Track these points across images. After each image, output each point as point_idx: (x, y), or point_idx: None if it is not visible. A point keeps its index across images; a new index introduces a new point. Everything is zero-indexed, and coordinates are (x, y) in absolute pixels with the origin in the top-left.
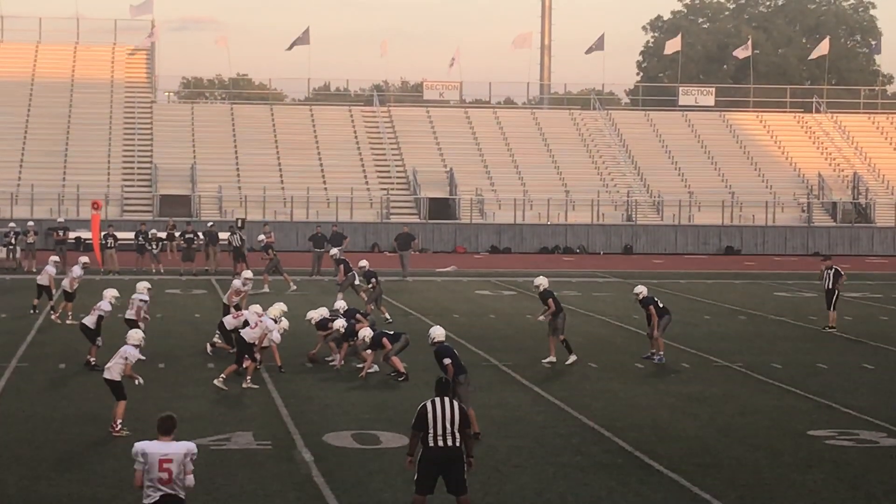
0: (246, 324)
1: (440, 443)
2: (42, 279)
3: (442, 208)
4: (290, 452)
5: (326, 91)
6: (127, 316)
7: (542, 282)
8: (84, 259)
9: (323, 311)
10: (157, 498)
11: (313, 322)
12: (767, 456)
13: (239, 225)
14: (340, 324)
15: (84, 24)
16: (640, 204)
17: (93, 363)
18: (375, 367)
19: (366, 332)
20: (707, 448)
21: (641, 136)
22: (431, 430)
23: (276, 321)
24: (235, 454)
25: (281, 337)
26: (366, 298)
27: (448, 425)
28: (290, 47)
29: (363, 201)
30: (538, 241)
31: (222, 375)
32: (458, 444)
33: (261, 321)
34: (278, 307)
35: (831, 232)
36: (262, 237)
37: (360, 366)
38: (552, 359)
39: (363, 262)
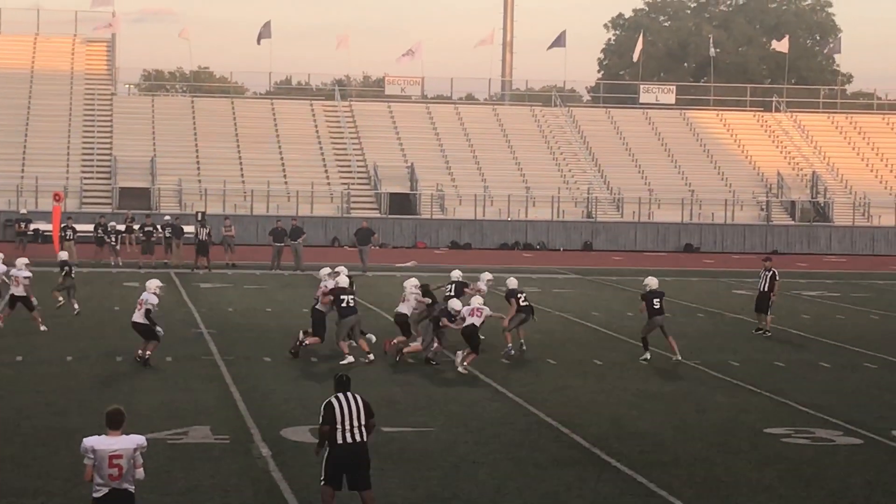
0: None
1: (348, 439)
2: None
3: (402, 203)
4: (248, 447)
5: (288, 85)
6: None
7: (510, 282)
8: (24, 260)
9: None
10: (106, 492)
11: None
12: (724, 453)
13: (199, 218)
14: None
15: (44, 15)
16: (600, 201)
17: (146, 357)
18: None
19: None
20: (664, 445)
21: (602, 133)
22: (339, 426)
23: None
24: (192, 448)
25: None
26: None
27: (354, 420)
28: (259, 41)
29: (324, 196)
30: (498, 237)
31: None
32: (364, 439)
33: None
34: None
35: (790, 230)
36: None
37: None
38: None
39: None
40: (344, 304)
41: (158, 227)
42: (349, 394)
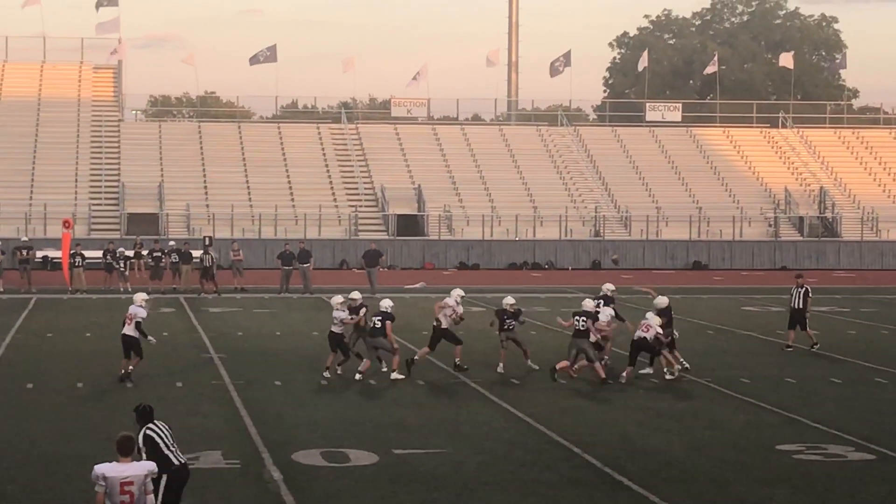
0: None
1: (181, 459)
2: None
3: (410, 225)
4: (259, 471)
5: (294, 108)
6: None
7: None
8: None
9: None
10: None
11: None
12: (736, 470)
13: (207, 242)
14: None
15: (50, 42)
16: (607, 219)
17: (129, 372)
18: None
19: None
20: (676, 463)
21: (609, 151)
22: (168, 452)
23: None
24: (204, 473)
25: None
26: None
27: (173, 446)
28: (254, 61)
29: (331, 218)
30: (506, 257)
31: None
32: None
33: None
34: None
35: (798, 246)
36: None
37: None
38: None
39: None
40: (373, 325)
41: (165, 251)
42: (156, 422)
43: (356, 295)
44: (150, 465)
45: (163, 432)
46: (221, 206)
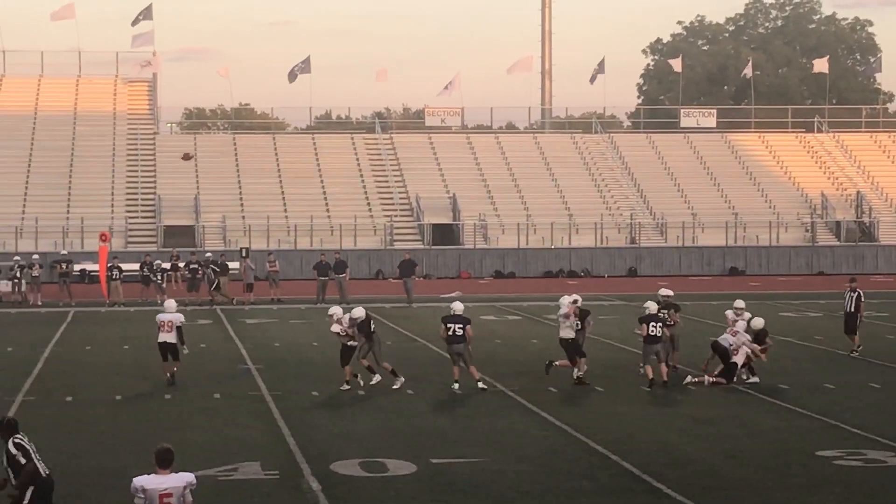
0: None
1: (46, 471)
2: None
3: (445, 234)
4: (298, 482)
5: (328, 119)
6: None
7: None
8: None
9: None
10: None
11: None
12: (775, 477)
13: (243, 254)
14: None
15: (85, 56)
16: (643, 226)
17: (173, 373)
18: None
19: None
20: (715, 470)
21: (644, 158)
22: (38, 462)
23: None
24: (243, 484)
25: None
26: None
27: (37, 455)
28: (292, 78)
29: (367, 228)
30: (542, 265)
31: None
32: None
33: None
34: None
35: (835, 251)
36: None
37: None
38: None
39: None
40: (451, 333)
41: (201, 263)
42: (21, 434)
43: (359, 312)
44: (189, 477)
45: (29, 443)
46: (257, 217)
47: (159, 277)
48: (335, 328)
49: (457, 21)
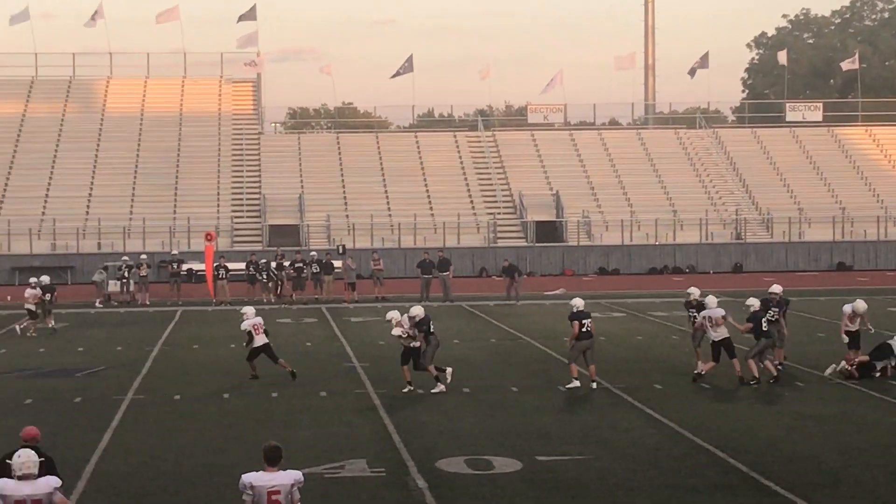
0: None
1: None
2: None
3: (549, 231)
4: (404, 479)
5: (431, 117)
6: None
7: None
8: (34, 279)
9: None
10: None
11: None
12: (887, 474)
13: (340, 251)
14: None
15: (190, 58)
16: (748, 222)
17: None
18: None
19: None
20: (824, 467)
21: (749, 153)
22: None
23: None
24: (349, 482)
25: None
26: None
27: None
28: (395, 75)
29: (470, 226)
30: (646, 261)
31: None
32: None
33: None
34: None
35: None
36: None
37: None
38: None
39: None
40: (584, 329)
41: (305, 262)
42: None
43: (418, 310)
44: (297, 475)
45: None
46: (361, 216)
47: (265, 276)
48: (396, 331)
49: (559, 18)
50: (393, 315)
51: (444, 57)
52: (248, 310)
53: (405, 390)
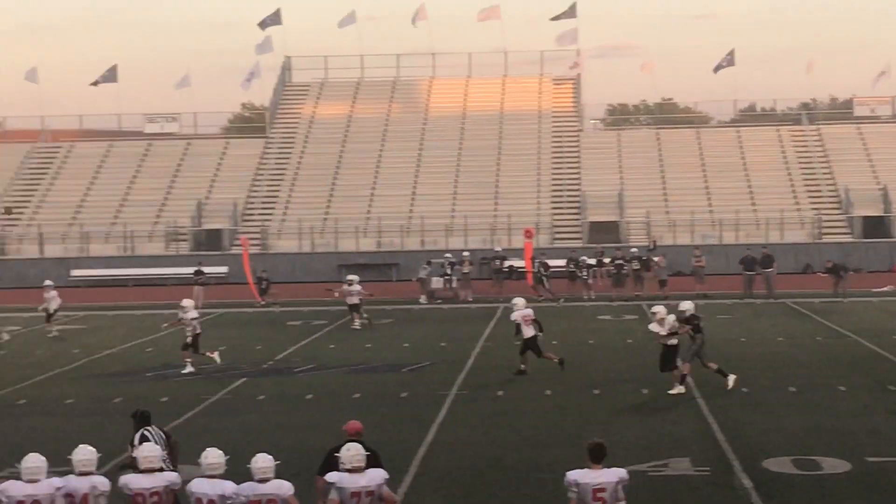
0: None
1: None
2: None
3: (876, 226)
4: (729, 479)
5: (752, 112)
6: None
7: (686, 306)
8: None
9: None
10: None
11: None
12: None
13: (651, 247)
14: None
15: (511, 56)
16: None
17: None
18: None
19: None
20: None
21: None
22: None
23: None
24: (674, 480)
25: None
26: None
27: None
28: (716, 69)
29: (793, 222)
30: None
31: None
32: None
33: None
34: None
35: None
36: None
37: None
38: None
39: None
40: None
41: (625, 259)
42: (153, 426)
43: (687, 305)
44: (622, 473)
45: (159, 435)
46: (681, 212)
47: (585, 273)
48: (654, 327)
49: (886, 8)
50: (659, 309)
51: (766, 50)
52: (519, 301)
53: (673, 392)
